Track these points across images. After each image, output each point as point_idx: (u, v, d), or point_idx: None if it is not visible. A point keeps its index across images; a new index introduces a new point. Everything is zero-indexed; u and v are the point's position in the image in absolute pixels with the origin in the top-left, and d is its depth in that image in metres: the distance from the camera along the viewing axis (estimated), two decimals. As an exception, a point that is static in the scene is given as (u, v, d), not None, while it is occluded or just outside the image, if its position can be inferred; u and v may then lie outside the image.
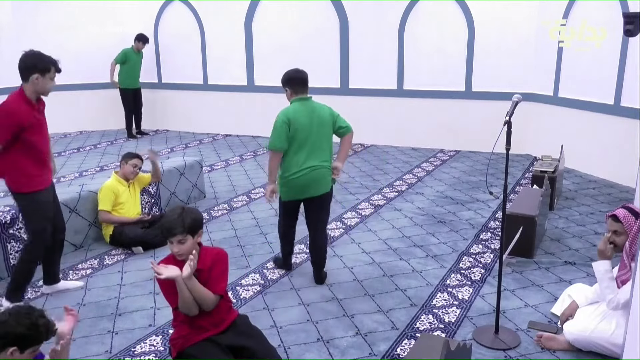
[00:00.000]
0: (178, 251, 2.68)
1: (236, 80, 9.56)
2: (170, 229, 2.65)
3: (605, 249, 3.13)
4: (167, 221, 2.67)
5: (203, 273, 2.74)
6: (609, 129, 6.60)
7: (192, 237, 2.69)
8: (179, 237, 2.65)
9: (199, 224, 2.74)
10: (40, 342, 2.19)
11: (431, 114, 8.41)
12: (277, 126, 3.97)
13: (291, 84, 4.20)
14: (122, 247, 4.79)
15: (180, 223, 2.65)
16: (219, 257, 2.82)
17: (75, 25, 9.78)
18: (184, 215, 2.67)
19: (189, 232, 2.67)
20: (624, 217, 3.07)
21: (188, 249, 2.68)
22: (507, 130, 3.07)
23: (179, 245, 2.67)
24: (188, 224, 2.66)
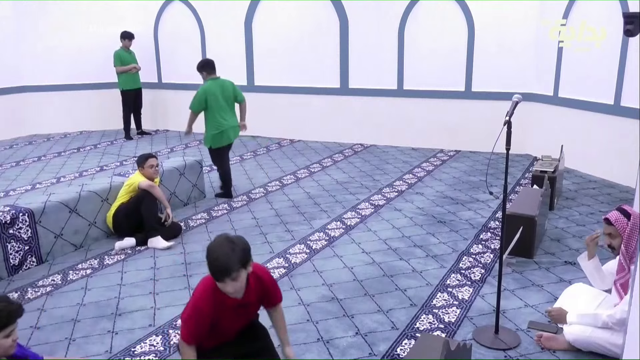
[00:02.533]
0: (233, 291, 2.46)
1: (236, 80, 9.48)
2: (225, 271, 2.37)
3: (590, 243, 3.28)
4: (219, 259, 2.37)
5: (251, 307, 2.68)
6: (609, 129, 6.60)
7: (245, 269, 2.45)
8: (234, 275, 2.40)
9: (248, 254, 2.48)
10: (5, 325, 2.19)
11: (431, 114, 8.41)
12: (198, 96, 5.87)
13: (206, 68, 6.01)
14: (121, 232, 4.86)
15: (234, 261, 2.39)
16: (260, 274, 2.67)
17: (75, 25, 9.78)
18: (235, 250, 2.40)
19: (242, 265, 2.43)
20: (615, 220, 3.07)
21: (242, 285, 2.49)
22: (507, 130, 3.07)
23: (233, 284, 2.42)
24: (240, 258, 2.41)
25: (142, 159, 5.02)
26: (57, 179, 7.04)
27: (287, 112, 9.34)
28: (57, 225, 4.58)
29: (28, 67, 9.65)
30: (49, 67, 9.81)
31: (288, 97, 9.26)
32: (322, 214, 5.58)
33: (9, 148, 8.89)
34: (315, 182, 6.75)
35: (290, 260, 4.48)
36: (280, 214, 5.59)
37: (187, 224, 5.37)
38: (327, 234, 5.04)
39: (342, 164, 7.69)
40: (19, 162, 7.93)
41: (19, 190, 6.51)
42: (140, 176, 4.97)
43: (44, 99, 9.87)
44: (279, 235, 5.04)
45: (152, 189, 4.88)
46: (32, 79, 9.73)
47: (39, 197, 4.69)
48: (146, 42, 9.91)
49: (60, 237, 4.62)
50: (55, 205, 4.56)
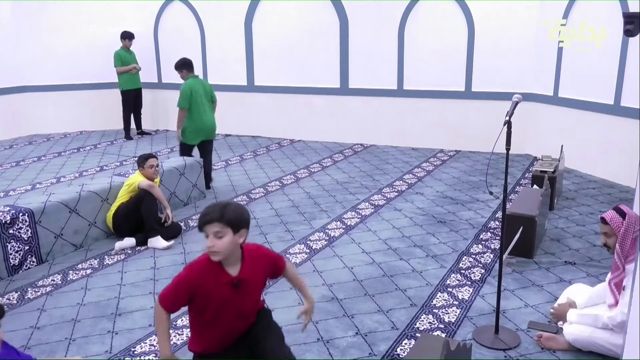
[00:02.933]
0: (212, 246, 2.29)
1: (236, 80, 9.56)
2: (206, 214, 2.29)
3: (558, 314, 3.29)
4: (206, 209, 2.33)
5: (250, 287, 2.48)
6: (609, 129, 6.60)
7: (234, 233, 2.32)
8: (216, 227, 2.28)
9: (243, 221, 2.36)
10: None
11: (431, 114, 8.41)
12: (184, 92, 6.06)
13: (185, 67, 6.25)
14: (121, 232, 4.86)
15: (219, 211, 2.30)
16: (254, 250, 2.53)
17: (75, 25, 9.79)
18: (226, 206, 2.34)
19: (230, 225, 2.30)
20: (611, 220, 3.07)
21: (225, 247, 2.31)
22: (507, 130, 3.07)
23: (214, 240, 2.29)
24: (229, 216, 2.29)
25: (142, 159, 5.02)
26: (57, 179, 7.04)
27: (287, 112, 9.34)
28: (57, 225, 4.58)
29: (28, 67, 9.65)
30: (49, 67, 9.81)
31: (288, 97, 9.27)
32: (322, 214, 5.58)
33: (9, 148, 8.89)
34: (315, 182, 6.75)
35: (290, 260, 4.48)
36: (280, 214, 5.59)
37: (187, 224, 5.37)
38: (327, 234, 5.04)
39: (342, 164, 7.69)
40: (19, 162, 7.93)
41: (19, 190, 6.51)
42: (140, 176, 4.97)
43: (44, 99, 9.88)
44: (279, 235, 5.04)
45: (152, 189, 4.88)
46: (32, 79, 9.74)
47: (39, 197, 4.69)
48: (146, 42, 9.91)
49: (60, 237, 4.62)
50: (55, 205, 4.56)
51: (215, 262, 2.38)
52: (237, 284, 2.42)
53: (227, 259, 2.39)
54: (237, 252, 2.42)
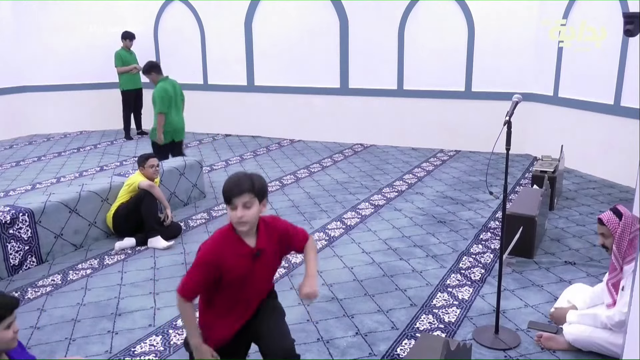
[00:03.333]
0: (242, 216, 2.31)
1: (236, 80, 9.56)
2: (237, 185, 2.30)
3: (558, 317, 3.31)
4: (233, 180, 2.33)
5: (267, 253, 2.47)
6: (609, 129, 6.60)
7: (259, 203, 2.36)
8: (246, 197, 2.31)
9: (266, 191, 2.43)
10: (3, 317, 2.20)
11: (431, 114, 8.41)
12: (160, 96, 6.05)
13: (154, 70, 6.27)
14: (121, 232, 4.85)
15: (249, 182, 2.33)
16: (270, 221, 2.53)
17: (75, 25, 9.79)
18: (251, 176, 2.37)
19: (257, 195, 2.34)
20: (607, 220, 3.07)
21: (253, 217, 2.35)
22: (507, 130, 3.07)
23: (244, 210, 2.31)
24: (257, 185, 2.34)
25: (142, 159, 5.03)
26: (57, 179, 7.04)
27: (287, 112, 9.34)
28: (57, 225, 4.58)
29: (28, 67, 9.65)
30: (49, 67, 9.81)
31: (288, 97, 9.27)
32: (322, 214, 5.58)
33: (9, 148, 8.89)
34: (315, 182, 6.75)
35: (290, 260, 4.48)
36: (280, 214, 5.59)
37: (187, 224, 5.37)
38: (327, 234, 5.04)
39: (342, 164, 7.69)
40: (19, 162, 7.93)
41: (19, 190, 6.51)
42: (140, 176, 4.98)
43: (44, 99, 9.88)
44: (279, 235, 5.03)
45: (152, 189, 4.88)
46: (32, 79, 9.74)
47: (39, 197, 4.68)
48: (146, 42, 9.90)
49: (60, 237, 4.62)
50: (55, 205, 4.56)
51: (232, 235, 2.40)
52: (257, 254, 2.43)
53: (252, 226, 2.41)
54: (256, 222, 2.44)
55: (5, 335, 2.22)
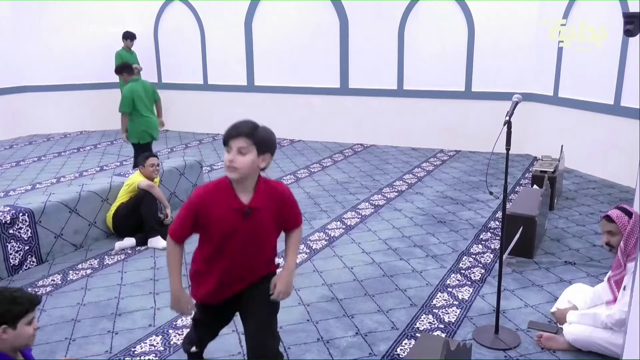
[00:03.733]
0: (232, 160, 2.20)
1: (236, 80, 9.56)
2: (236, 127, 2.23)
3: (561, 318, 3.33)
4: (235, 122, 2.26)
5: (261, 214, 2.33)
6: (609, 129, 6.60)
7: (258, 154, 2.23)
8: (242, 142, 2.20)
9: (270, 144, 2.28)
10: (26, 312, 2.21)
11: (431, 114, 8.41)
12: (126, 97, 6.15)
13: (126, 70, 6.40)
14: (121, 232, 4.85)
15: (250, 127, 2.23)
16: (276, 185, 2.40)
17: (75, 25, 9.79)
18: (257, 125, 2.27)
19: (256, 144, 2.22)
20: (617, 217, 3.09)
21: (245, 165, 2.21)
22: (507, 130, 3.07)
23: (237, 155, 2.20)
24: (258, 134, 2.23)
25: (142, 158, 5.04)
26: (57, 179, 7.04)
27: (287, 112, 9.34)
28: (57, 225, 4.58)
29: (28, 67, 9.65)
30: (49, 67, 9.81)
31: (288, 97, 9.27)
32: (322, 214, 5.58)
33: (9, 148, 8.89)
34: (315, 182, 6.75)
35: (290, 260, 4.48)
36: (280, 214, 5.59)
37: (187, 224, 5.36)
38: (327, 234, 5.04)
39: (342, 164, 7.69)
40: (19, 162, 7.93)
41: (19, 190, 6.51)
42: (140, 176, 4.98)
43: (44, 99, 9.88)
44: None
45: (151, 188, 4.88)
46: (32, 79, 9.74)
47: (39, 197, 4.68)
48: (146, 42, 9.91)
49: (60, 237, 4.62)
50: (55, 205, 4.56)
51: (227, 186, 2.30)
52: (248, 212, 2.30)
53: (242, 183, 2.29)
54: (254, 178, 2.31)
55: (27, 331, 2.23)
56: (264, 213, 2.34)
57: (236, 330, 3.41)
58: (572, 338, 3.14)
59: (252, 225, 2.33)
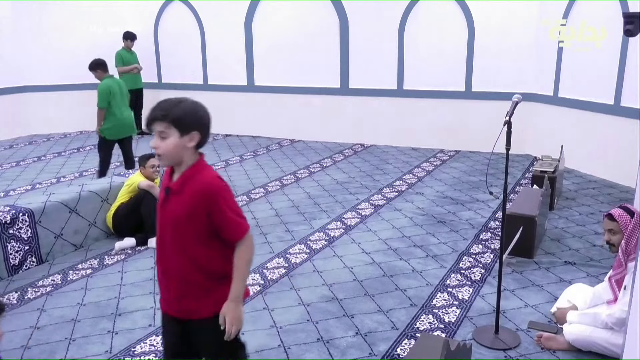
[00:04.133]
0: (156, 147, 2.05)
1: (236, 80, 9.56)
2: (153, 110, 2.05)
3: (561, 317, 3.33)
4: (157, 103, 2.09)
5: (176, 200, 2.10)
6: (609, 129, 6.60)
7: (180, 134, 2.03)
8: (160, 125, 2.03)
9: (195, 121, 2.07)
10: None
11: (431, 114, 8.41)
12: (103, 93, 6.20)
13: (100, 67, 6.37)
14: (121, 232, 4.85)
15: (166, 107, 2.03)
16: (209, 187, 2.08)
17: (75, 25, 9.79)
18: (178, 103, 2.06)
19: (175, 125, 2.03)
20: (619, 216, 3.10)
21: (169, 150, 2.04)
22: (507, 130, 3.07)
23: (157, 140, 2.05)
24: (175, 114, 2.02)
25: (143, 159, 5.05)
26: (57, 179, 7.04)
27: (287, 112, 9.34)
28: (57, 225, 4.58)
29: (28, 67, 9.65)
30: (49, 67, 9.81)
31: (288, 97, 9.27)
32: (322, 214, 5.58)
33: (9, 148, 8.89)
34: (315, 182, 6.75)
35: (290, 260, 4.48)
36: (280, 214, 5.59)
37: (187, 224, 5.36)
38: (327, 234, 5.04)
39: (342, 164, 7.69)
40: (19, 162, 7.93)
41: (19, 190, 6.51)
42: (140, 176, 4.98)
43: (44, 99, 9.87)
44: (279, 235, 5.04)
45: (151, 189, 4.88)
46: (32, 79, 9.74)
47: (39, 197, 4.69)
48: (146, 42, 9.91)
49: (60, 237, 4.62)
50: (55, 205, 4.56)
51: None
52: (167, 191, 2.14)
53: (179, 164, 2.11)
54: (190, 159, 2.10)
55: None
56: (178, 201, 2.10)
57: (236, 330, 3.41)
58: (572, 338, 3.14)
59: (169, 212, 2.12)
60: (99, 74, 6.36)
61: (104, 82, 6.28)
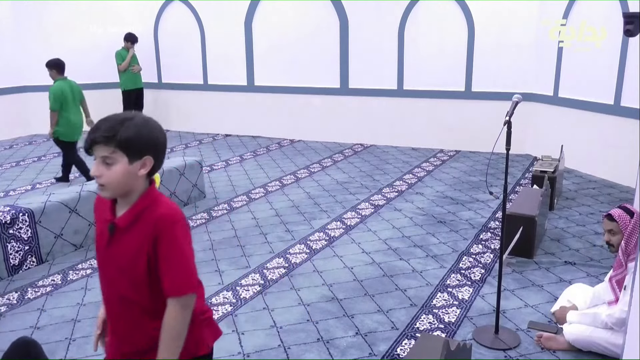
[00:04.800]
0: (98, 176, 1.66)
1: (236, 80, 9.56)
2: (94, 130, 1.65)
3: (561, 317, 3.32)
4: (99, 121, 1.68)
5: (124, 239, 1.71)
6: (609, 129, 6.60)
7: (130, 161, 1.66)
8: (104, 150, 1.64)
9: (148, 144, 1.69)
10: None
11: (431, 114, 8.41)
12: (55, 95, 6.37)
13: (56, 68, 6.49)
14: None
15: (110, 128, 1.63)
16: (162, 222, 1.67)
17: (75, 25, 9.79)
18: (124, 121, 1.65)
19: (123, 148, 1.64)
20: (618, 217, 3.10)
21: (115, 180, 1.66)
22: (507, 130, 3.07)
23: (100, 167, 1.66)
24: (125, 134, 1.63)
25: None
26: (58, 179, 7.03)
27: (287, 112, 9.35)
28: (57, 225, 4.57)
29: (28, 67, 9.64)
30: (49, 67, 9.80)
31: (288, 97, 9.27)
32: (322, 214, 5.58)
33: (9, 148, 8.89)
34: (315, 182, 6.75)
35: (290, 260, 4.48)
36: (280, 214, 5.59)
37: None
38: (327, 234, 5.04)
39: (342, 164, 7.69)
40: (19, 162, 7.93)
41: (19, 190, 6.51)
42: None
43: (44, 99, 9.83)
44: (279, 235, 5.04)
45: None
46: (33, 79, 9.72)
47: (39, 197, 4.68)
48: (146, 42, 9.91)
49: (60, 237, 4.61)
50: (55, 205, 4.56)
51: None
52: (111, 228, 1.73)
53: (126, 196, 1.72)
54: (139, 187, 1.72)
55: None
56: (127, 241, 1.71)
57: (236, 331, 3.42)
58: (572, 338, 3.14)
59: (115, 249, 1.74)
60: (54, 74, 6.47)
61: (57, 84, 6.43)
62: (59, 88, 6.38)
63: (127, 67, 9.16)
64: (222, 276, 4.19)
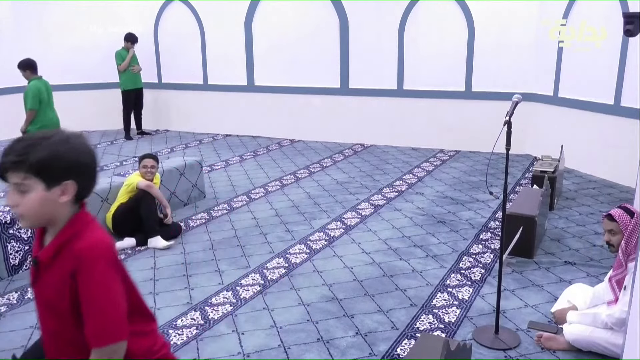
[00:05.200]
0: (14, 205, 1.50)
1: (236, 80, 9.56)
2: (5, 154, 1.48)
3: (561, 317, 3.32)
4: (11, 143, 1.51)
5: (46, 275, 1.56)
6: (609, 129, 6.60)
7: (47, 187, 1.48)
8: (16, 177, 1.46)
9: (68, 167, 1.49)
10: None
11: (431, 114, 8.41)
12: (33, 94, 6.37)
13: (30, 68, 6.58)
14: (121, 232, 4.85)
15: (21, 151, 1.46)
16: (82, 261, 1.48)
17: (75, 25, 9.79)
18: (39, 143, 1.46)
19: (37, 174, 1.46)
20: (619, 217, 3.10)
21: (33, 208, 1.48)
22: (507, 130, 3.07)
23: (14, 196, 1.48)
24: (37, 157, 1.45)
25: (141, 157, 5.08)
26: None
27: (287, 112, 9.34)
28: (57, 225, 4.57)
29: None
30: (49, 67, 9.78)
31: (288, 97, 9.27)
32: (322, 214, 5.58)
33: (9, 148, 8.88)
34: (315, 182, 6.75)
35: (290, 260, 4.48)
36: (280, 214, 5.59)
37: (187, 224, 5.37)
38: (327, 234, 5.04)
39: (342, 164, 7.69)
40: (19, 162, 7.92)
41: (19, 190, 6.51)
42: (139, 176, 4.98)
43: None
44: (279, 235, 5.04)
45: (150, 189, 4.88)
46: (32, 79, 9.74)
47: (39, 197, 4.68)
48: (146, 42, 9.90)
49: (60, 237, 4.61)
50: (55, 205, 4.55)
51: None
52: (34, 262, 1.59)
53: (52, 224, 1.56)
54: (63, 215, 1.54)
55: None
56: (50, 277, 1.54)
57: (236, 331, 3.42)
58: (572, 338, 3.14)
59: (42, 288, 1.59)
60: (28, 74, 6.54)
61: (33, 83, 6.47)
62: (36, 87, 6.43)
63: (127, 67, 9.16)
64: (222, 276, 4.19)
